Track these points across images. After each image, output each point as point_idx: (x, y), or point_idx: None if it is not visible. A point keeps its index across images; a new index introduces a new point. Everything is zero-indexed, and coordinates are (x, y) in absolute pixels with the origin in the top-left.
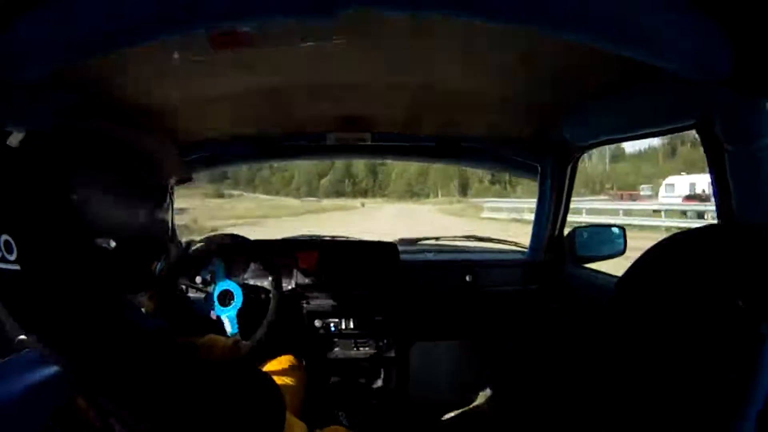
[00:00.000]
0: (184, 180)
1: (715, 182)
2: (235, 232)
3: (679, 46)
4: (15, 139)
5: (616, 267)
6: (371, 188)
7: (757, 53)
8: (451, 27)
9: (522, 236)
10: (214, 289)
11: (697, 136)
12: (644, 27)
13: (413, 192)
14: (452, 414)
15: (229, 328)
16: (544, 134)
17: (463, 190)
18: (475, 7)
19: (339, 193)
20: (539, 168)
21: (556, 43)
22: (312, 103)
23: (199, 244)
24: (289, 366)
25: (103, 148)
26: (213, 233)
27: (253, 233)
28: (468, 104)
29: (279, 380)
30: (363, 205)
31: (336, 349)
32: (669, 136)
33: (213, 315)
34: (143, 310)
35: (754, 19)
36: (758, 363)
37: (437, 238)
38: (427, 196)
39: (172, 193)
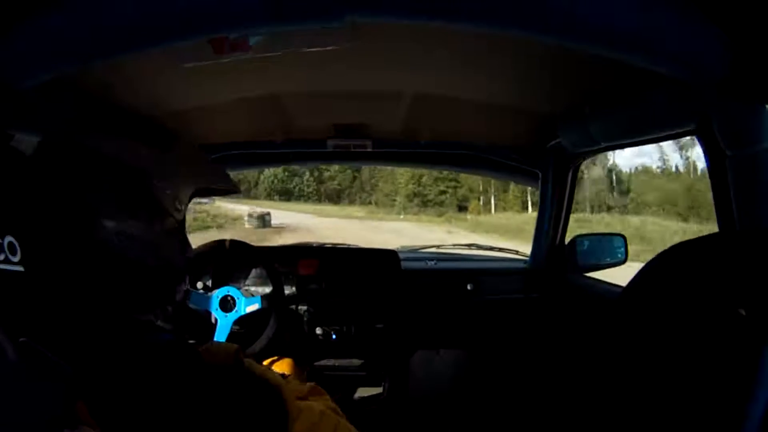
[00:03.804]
0: (229, 191)
1: (716, 189)
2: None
3: (677, 50)
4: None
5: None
6: (347, 188)
7: (756, 56)
8: (448, 34)
9: None
10: (214, 295)
11: None
12: (641, 31)
13: (427, 200)
14: (452, 422)
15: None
16: (543, 141)
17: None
18: (471, 14)
19: (287, 194)
20: (540, 175)
21: (553, 50)
22: (311, 110)
23: (200, 250)
24: (291, 369)
25: (111, 156)
26: (214, 240)
27: None
28: (466, 111)
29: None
30: (265, 222)
31: (337, 356)
32: None
33: (213, 320)
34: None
35: (753, 21)
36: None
37: (438, 246)
38: (464, 207)
39: (185, 207)
